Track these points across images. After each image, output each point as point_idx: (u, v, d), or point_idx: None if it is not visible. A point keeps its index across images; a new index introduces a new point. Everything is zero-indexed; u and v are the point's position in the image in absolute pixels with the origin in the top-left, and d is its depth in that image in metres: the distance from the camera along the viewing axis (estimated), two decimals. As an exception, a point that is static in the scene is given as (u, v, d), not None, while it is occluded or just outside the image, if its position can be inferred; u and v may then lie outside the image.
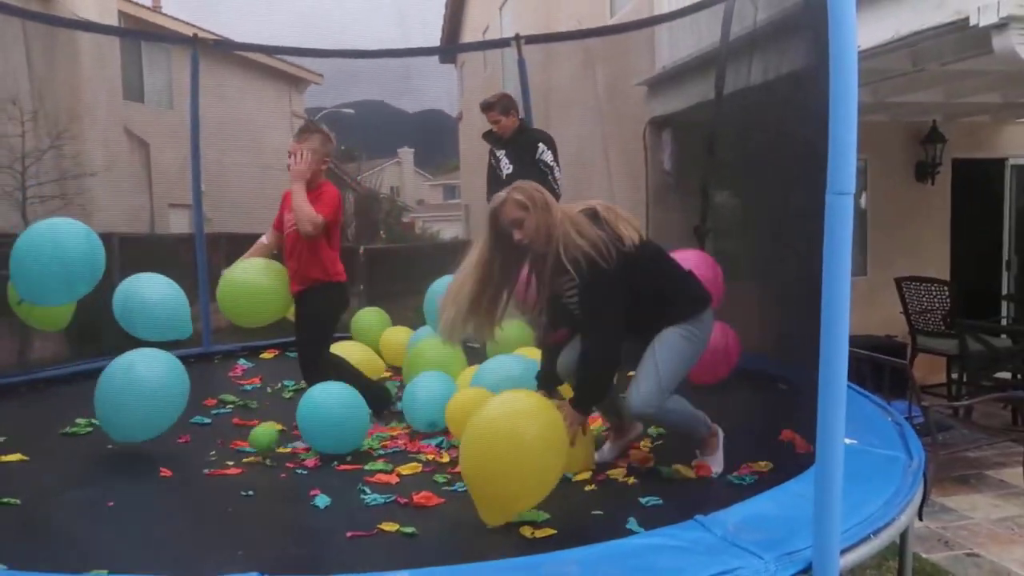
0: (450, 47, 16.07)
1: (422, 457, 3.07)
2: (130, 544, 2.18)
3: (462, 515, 2.38)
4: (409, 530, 2.21)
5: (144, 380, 3.09)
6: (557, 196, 4.61)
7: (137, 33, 14.23)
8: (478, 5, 15.68)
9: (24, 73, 9.25)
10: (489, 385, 3.20)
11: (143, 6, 15.43)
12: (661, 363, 2.52)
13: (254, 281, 3.67)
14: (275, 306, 3.72)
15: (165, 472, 2.84)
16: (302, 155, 3.57)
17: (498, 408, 2.35)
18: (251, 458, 3.07)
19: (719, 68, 4.73)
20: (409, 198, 29.11)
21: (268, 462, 3.04)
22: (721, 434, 2.74)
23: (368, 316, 5.20)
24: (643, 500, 2.37)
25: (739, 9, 4.65)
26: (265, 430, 3.17)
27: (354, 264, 12.90)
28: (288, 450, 3.21)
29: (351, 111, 21.73)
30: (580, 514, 2.32)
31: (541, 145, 4.69)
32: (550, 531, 2.18)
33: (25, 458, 2.91)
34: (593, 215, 2.59)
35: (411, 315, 5.28)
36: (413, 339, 4.51)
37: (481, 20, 15.29)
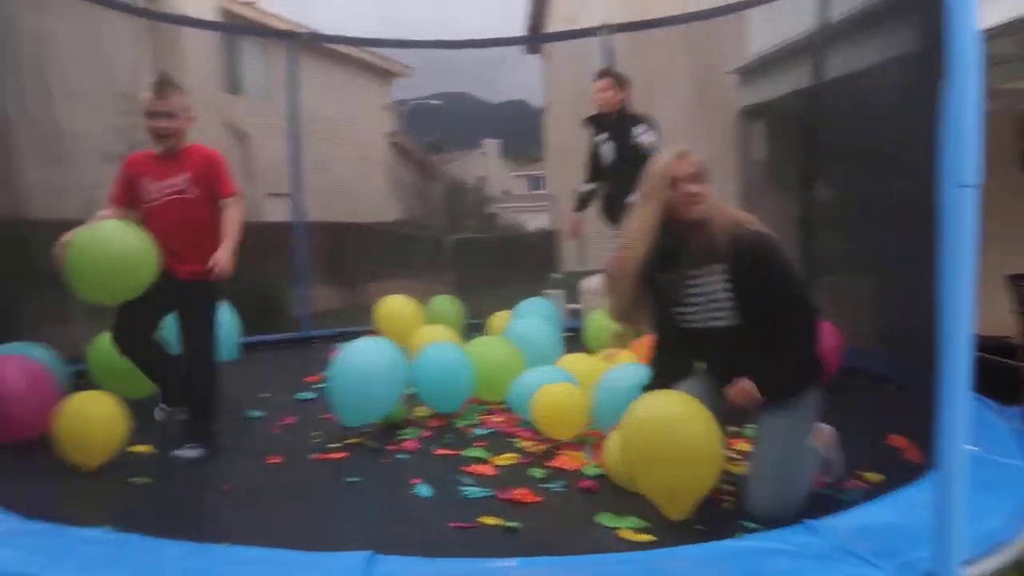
0: (536, 37, 16.03)
1: (518, 444, 3.11)
2: (248, 521, 2.31)
3: (561, 513, 2.41)
4: (511, 524, 2.25)
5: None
6: None
7: (238, 28, 14.80)
8: (564, -6, 15.61)
9: (136, 68, 9.78)
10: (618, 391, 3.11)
11: (240, 1, 16.04)
12: (788, 472, 2.25)
13: (125, 244, 2.87)
14: (146, 277, 2.94)
15: (275, 459, 2.97)
16: (186, 115, 3.06)
17: (661, 410, 2.30)
18: (353, 439, 3.19)
19: (817, 53, 4.56)
20: (494, 188, 29.27)
21: (369, 443, 3.15)
22: (835, 436, 2.56)
23: (443, 304, 5.35)
24: (746, 522, 2.24)
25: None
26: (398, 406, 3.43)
27: (442, 253, 13.13)
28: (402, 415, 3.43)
29: (439, 102, 22.08)
30: (681, 526, 2.25)
31: (641, 127, 4.59)
32: (650, 537, 2.17)
33: (154, 450, 3.05)
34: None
35: (494, 304, 5.34)
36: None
37: (568, 9, 15.20)
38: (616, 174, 4.67)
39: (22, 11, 3.44)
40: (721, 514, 2.35)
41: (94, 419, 2.77)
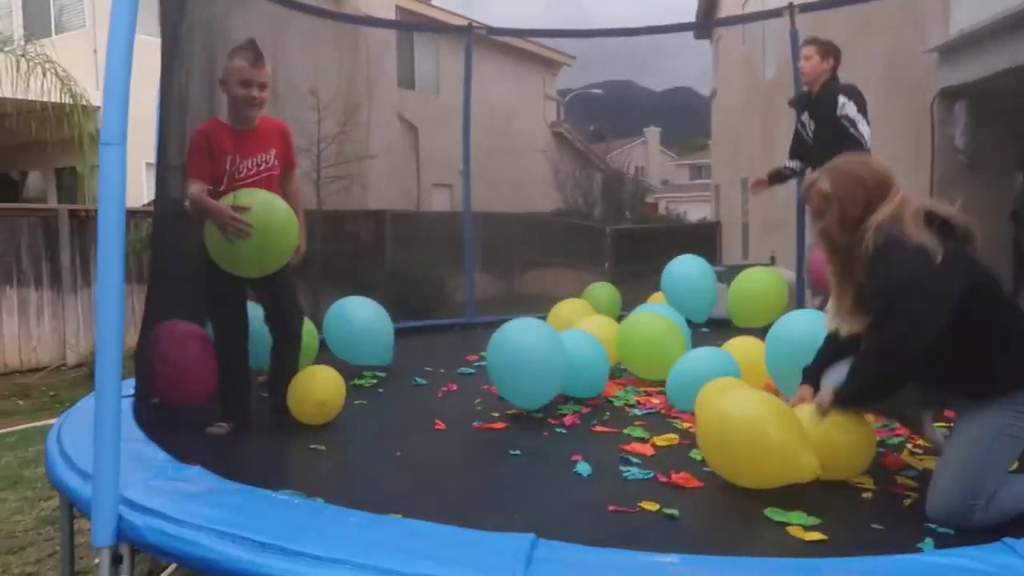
0: (713, 21, 15.43)
1: (678, 424, 3.05)
2: (418, 492, 2.40)
3: (723, 501, 2.32)
4: (671, 511, 2.19)
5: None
6: (864, 150, 4.06)
7: (415, 25, 15.46)
8: (737, -25, 14.95)
9: (321, 66, 10.51)
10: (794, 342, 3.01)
11: (416, -1, 16.82)
12: (974, 471, 2.04)
13: (286, 212, 2.89)
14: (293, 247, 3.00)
15: (440, 424, 3.11)
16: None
17: (737, 408, 2.39)
18: (513, 410, 3.26)
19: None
20: (654, 178, 28.78)
21: (528, 415, 3.20)
22: None
23: (599, 289, 5.39)
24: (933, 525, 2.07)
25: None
26: None
27: (601, 243, 13.12)
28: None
29: (600, 91, 22.01)
30: (856, 523, 2.12)
31: (841, 98, 4.19)
32: (821, 535, 2.04)
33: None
34: (929, 218, 2.13)
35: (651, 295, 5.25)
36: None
37: (740, -9, 14.53)
38: (817, 152, 4.29)
39: (222, 15, 3.75)
40: (901, 512, 2.19)
41: (321, 386, 3.04)
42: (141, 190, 10.62)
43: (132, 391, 2.85)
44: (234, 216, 2.73)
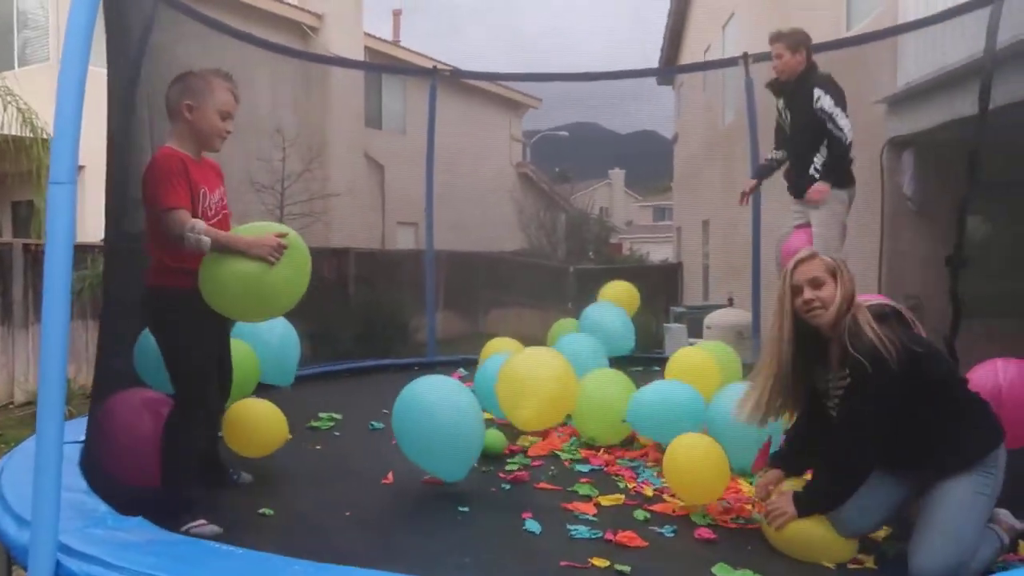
0: (673, 68, 15.88)
1: (621, 483, 3.03)
2: (366, 545, 2.36)
3: (669, 558, 2.33)
4: (622, 568, 2.18)
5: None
6: (844, 146, 4.14)
7: (383, 67, 15.62)
8: (699, 24, 15.44)
9: (288, 105, 10.52)
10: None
11: (385, 40, 17.00)
12: (959, 530, 2.15)
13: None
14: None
15: (387, 480, 3.03)
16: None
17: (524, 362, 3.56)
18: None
19: (984, 80, 4.22)
20: (618, 219, 29.17)
21: (478, 468, 3.13)
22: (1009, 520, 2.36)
23: (564, 327, 5.34)
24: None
25: (1008, 14, 4.13)
26: (496, 436, 3.37)
27: (565, 283, 13.20)
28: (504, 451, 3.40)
29: (565, 133, 22.36)
30: None
31: (817, 90, 4.11)
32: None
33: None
34: (884, 314, 2.31)
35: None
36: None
37: (702, 39, 15.00)
38: (795, 144, 4.34)
39: (186, 56, 3.74)
40: (850, 573, 2.25)
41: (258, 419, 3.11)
42: (100, 223, 10.43)
43: (80, 437, 2.74)
44: (281, 244, 2.39)
